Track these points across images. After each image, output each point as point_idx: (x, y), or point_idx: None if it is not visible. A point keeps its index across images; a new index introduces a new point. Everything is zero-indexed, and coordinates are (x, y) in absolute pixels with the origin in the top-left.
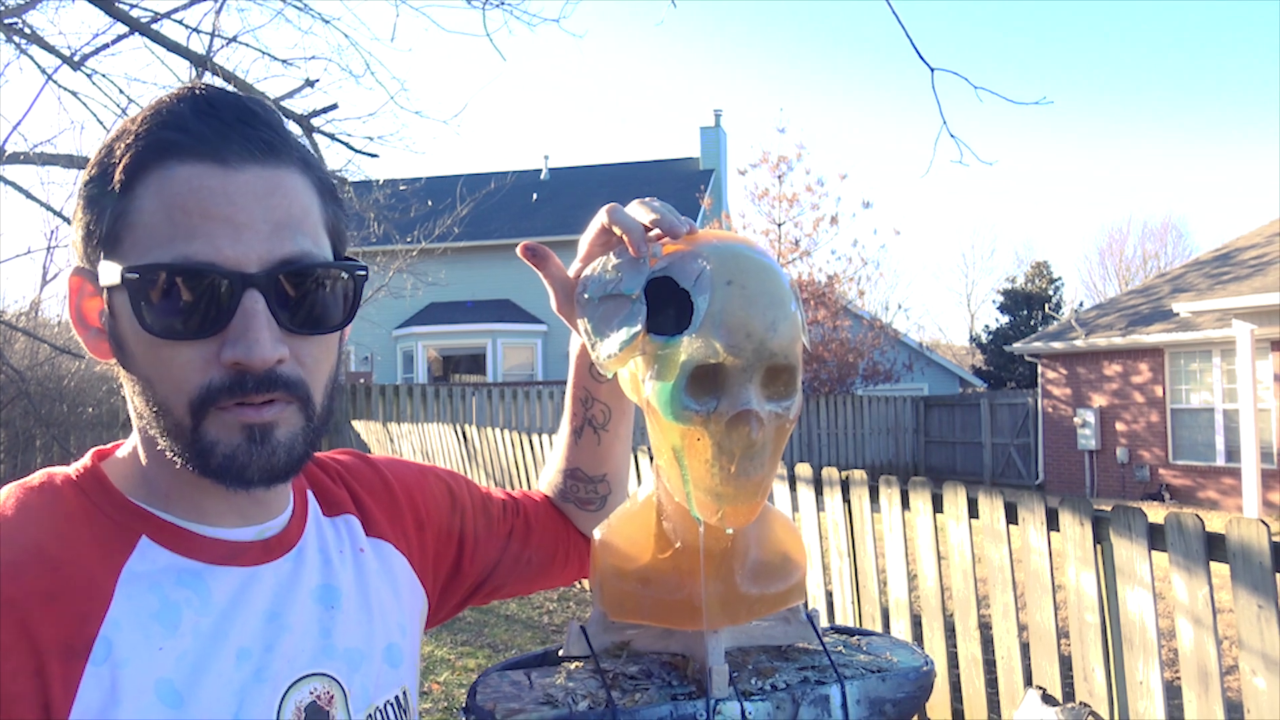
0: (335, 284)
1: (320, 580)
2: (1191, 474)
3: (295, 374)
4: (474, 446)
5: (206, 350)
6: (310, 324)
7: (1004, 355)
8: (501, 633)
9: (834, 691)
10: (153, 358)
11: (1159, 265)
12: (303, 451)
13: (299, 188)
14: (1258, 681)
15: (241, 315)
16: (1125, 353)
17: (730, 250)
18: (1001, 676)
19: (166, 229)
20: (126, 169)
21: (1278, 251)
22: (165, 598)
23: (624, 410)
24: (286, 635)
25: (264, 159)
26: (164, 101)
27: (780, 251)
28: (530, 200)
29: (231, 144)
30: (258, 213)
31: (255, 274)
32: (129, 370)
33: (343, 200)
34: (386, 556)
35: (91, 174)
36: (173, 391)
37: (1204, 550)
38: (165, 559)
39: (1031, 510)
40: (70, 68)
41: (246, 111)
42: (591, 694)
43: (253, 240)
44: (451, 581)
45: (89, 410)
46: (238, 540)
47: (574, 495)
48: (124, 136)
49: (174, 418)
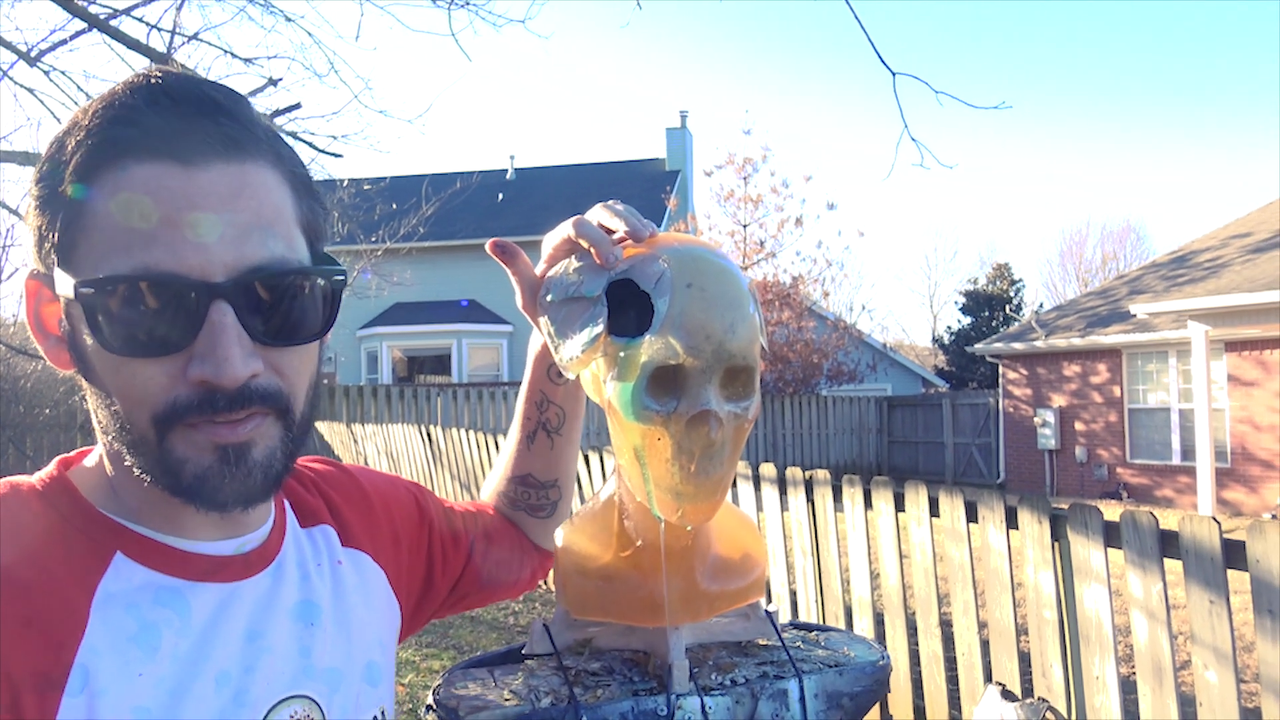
0: (312, 290)
1: (299, 596)
2: (1148, 473)
3: (273, 385)
4: (439, 447)
5: (172, 366)
6: (286, 334)
7: (966, 356)
8: (466, 634)
9: (792, 686)
10: (113, 373)
11: (1118, 267)
12: (281, 467)
13: (269, 184)
14: (1209, 675)
15: (209, 329)
16: (1084, 353)
17: (690, 253)
18: (962, 673)
19: (124, 236)
20: (78, 169)
21: (1232, 254)
22: (143, 619)
23: (577, 415)
24: (266, 656)
25: (229, 154)
26: (116, 92)
27: (745, 253)
28: (496, 200)
29: (192, 139)
30: (223, 215)
31: (222, 283)
32: (90, 382)
33: (319, 193)
34: (364, 568)
35: (42, 172)
36: (136, 407)
37: (1158, 547)
38: (141, 576)
39: (991, 509)
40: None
41: (208, 102)
42: (554, 690)
43: (219, 246)
44: (424, 596)
45: (46, 411)
46: (217, 555)
47: (525, 502)
48: (74, 132)
49: (138, 433)
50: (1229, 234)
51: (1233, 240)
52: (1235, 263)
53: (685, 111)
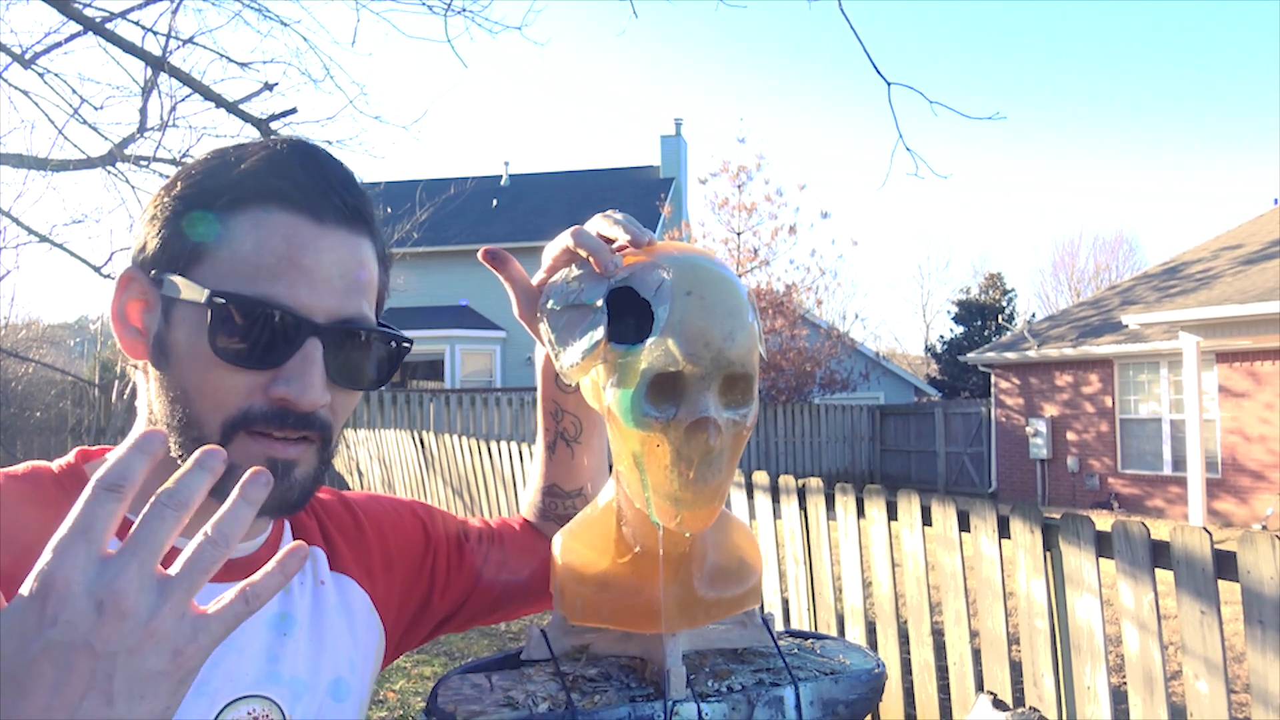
0: (381, 349)
1: (278, 608)
2: (1139, 483)
3: (328, 419)
4: (431, 453)
5: (255, 381)
6: (352, 380)
7: (958, 365)
8: (457, 640)
9: (788, 693)
10: (202, 374)
11: (1110, 278)
12: (312, 490)
13: (370, 256)
14: (1200, 686)
15: (301, 358)
16: (1076, 363)
17: (690, 261)
18: (954, 682)
19: (254, 265)
20: (231, 199)
21: (1223, 265)
22: None
23: (595, 422)
24: (233, 655)
25: (351, 224)
26: (276, 149)
27: (739, 260)
28: (490, 206)
29: (329, 204)
30: (336, 271)
31: (321, 324)
32: (165, 376)
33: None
34: (346, 591)
35: (182, 190)
36: (211, 409)
37: (1149, 558)
38: None
39: (983, 518)
40: (21, 66)
41: (346, 177)
42: (551, 696)
43: (327, 294)
44: (420, 616)
45: (36, 414)
46: None
47: (553, 512)
48: (229, 167)
49: (202, 432)
50: (1220, 245)
51: (1224, 252)
52: (1226, 274)
53: (680, 119)
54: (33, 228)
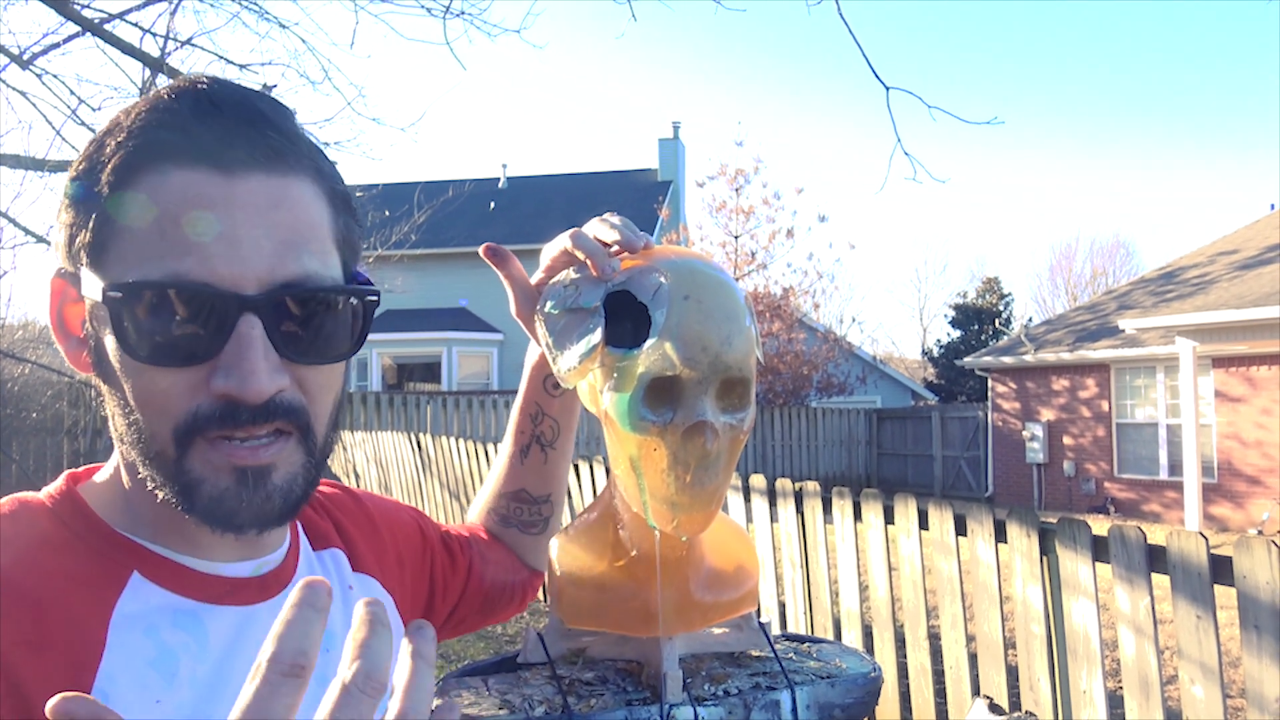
0: (343, 308)
1: None
2: (1136, 487)
3: (296, 400)
4: (429, 455)
5: (195, 376)
6: (314, 353)
7: (955, 369)
8: (454, 643)
9: (784, 697)
10: (135, 381)
11: (1107, 282)
12: (302, 492)
13: (308, 198)
14: (1196, 690)
15: (236, 341)
16: (1073, 368)
17: (687, 265)
18: (950, 686)
19: (157, 241)
20: (116, 170)
21: (1219, 270)
22: (161, 642)
23: (571, 428)
24: None
25: (270, 166)
26: (162, 96)
27: (736, 264)
28: (488, 208)
29: (235, 148)
30: (260, 227)
31: (253, 296)
32: (110, 388)
33: (357, 210)
34: (372, 593)
35: (79, 170)
36: (156, 417)
37: (1146, 562)
38: (159, 597)
39: (980, 522)
40: (19, 66)
41: (253, 111)
42: (548, 700)
43: (253, 258)
44: (426, 619)
45: (33, 415)
46: (235, 576)
47: (517, 519)
48: (115, 132)
49: (157, 445)
50: (1216, 251)
51: (1220, 257)
52: (1223, 279)
53: (678, 122)
54: (30, 228)
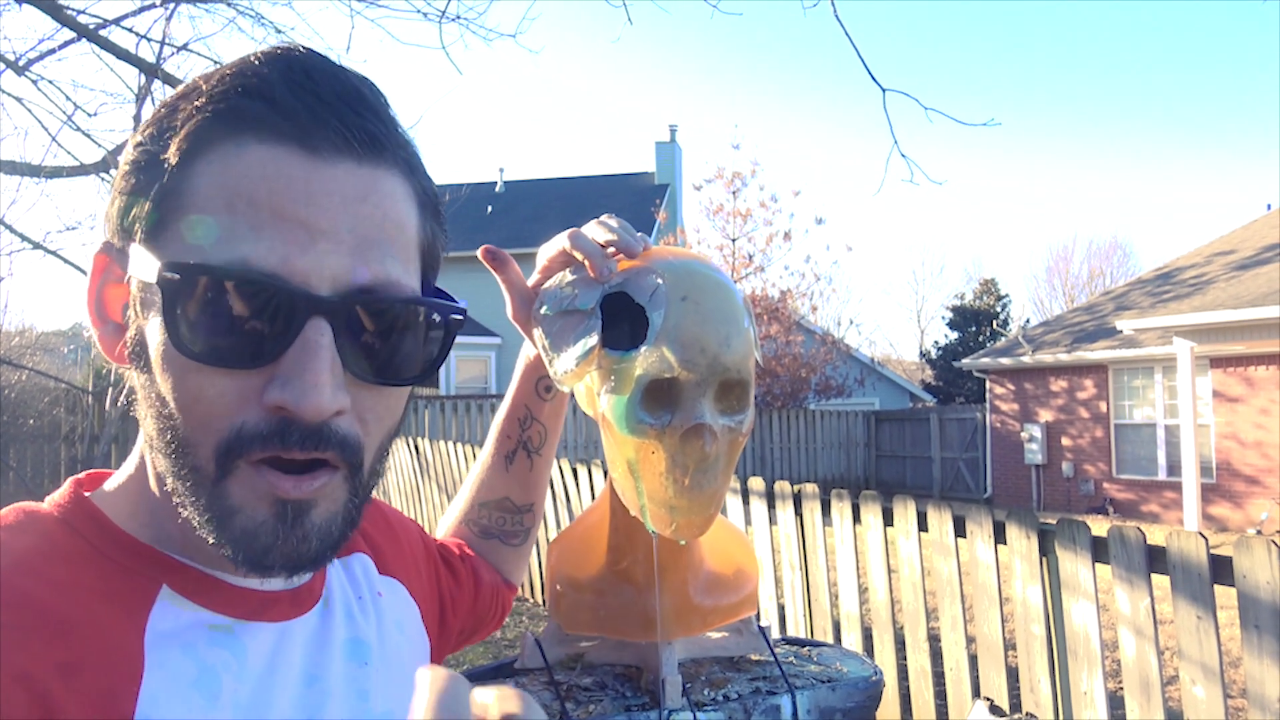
0: (423, 325)
1: (348, 633)
2: (1135, 488)
3: (352, 433)
4: (426, 459)
5: (247, 385)
6: (385, 372)
7: (953, 371)
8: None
9: (785, 701)
10: (178, 381)
11: (1104, 283)
12: (340, 534)
13: (398, 196)
14: (1197, 691)
15: (301, 348)
16: (1071, 369)
17: (685, 267)
18: (950, 688)
19: (226, 221)
20: (189, 137)
21: (1216, 271)
22: (201, 661)
23: (556, 434)
24: (328, 701)
25: (362, 154)
26: (248, 62)
27: (734, 266)
28: (486, 213)
29: (326, 128)
30: (343, 220)
31: (326, 297)
32: (147, 384)
33: (444, 217)
34: (401, 600)
35: (145, 135)
36: (198, 428)
37: (1145, 563)
38: (191, 614)
39: (979, 524)
40: (15, 72)
41: (351, 90)
42: (546, 706)
43: (331, 254)
44: (441, 634)
45: (30, 422)
46: (267, 591)
47: (499, 529)
48: (193, 96)
49: (196, 459)
50: (1213, 251)
51: (1217, 257)
52: (1220, 280)
53: (675, 126)
54: (26, 235)
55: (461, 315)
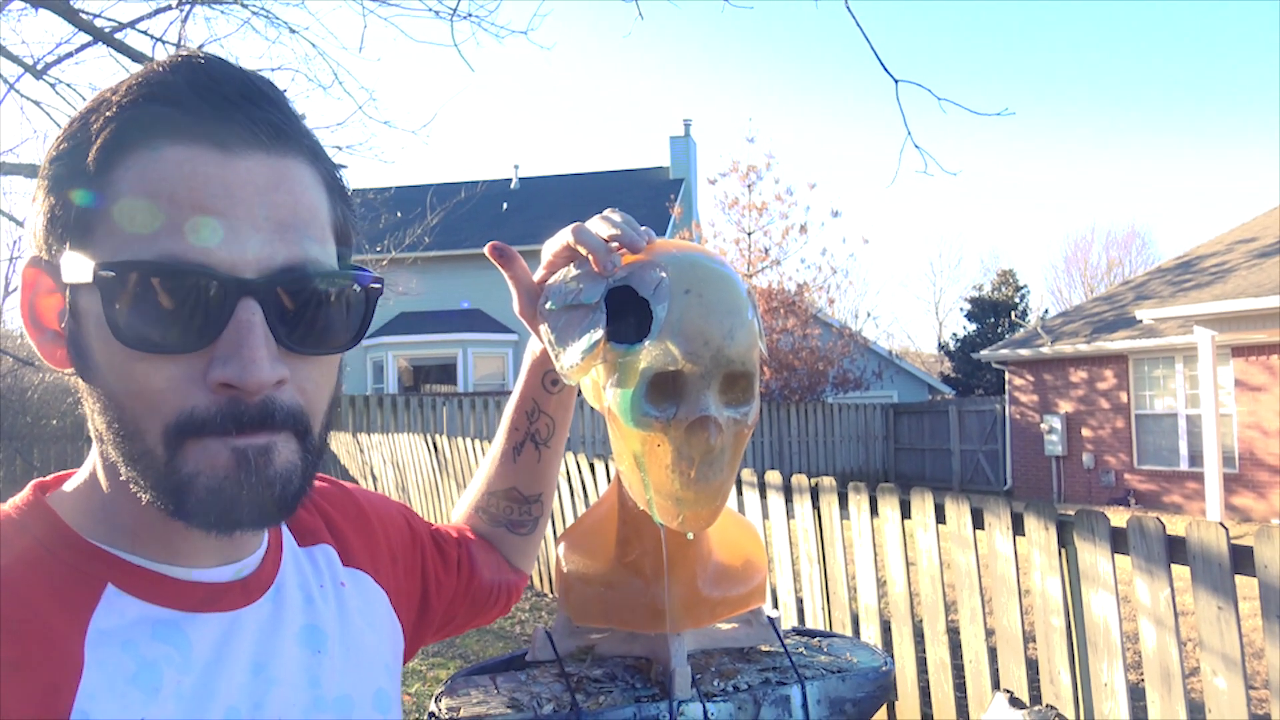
0: (345, 296)
1: (303, 621)
2: (1156, 479)
3: (294, 403)
4: (445, 456)
5: (189, 367)
6: (314, 342)
7: (972, 363)
8: (473, 643)
9: (795, 692)
10: (124, 372)
11: (1123, 273)
12: (298, 486)
13: (307, 182)
14: (1218, 682)
15: (235, 327)
16: (1091, 359)
17: (688, 259)
18: (970, 680)
19: (150, 221)
20: (105, 146)
21: (1238, 259)
22: (141, 656)
23: (565, 426)
24: (275, 689)
25: (270, 146)
26: (154, 70)
27: (750, 260)
28: (500, 209)
29: (234, 125)
30: (259, 209)
31: (252, 280)
32: (90, 384)
33: (351, 198)
34: (365, 589)
35: (60, 150)
36: (146, 414)
37: (1165, 553)
38: (136, 609)
39: (997, 515)
40: (33, 76)
41: (252, 89)
42: (556, 697)
43: (252, 240)
44: (421, 618)
45: (53, 422)
46: (215, 582)
47: (507, 518)
48: (103, 108)
49: (144, 444)
50: (1234, 239)
51: (1238, 245)
52: (1241, 267)
53: (689, 120)
54: None
55: (379, 284)
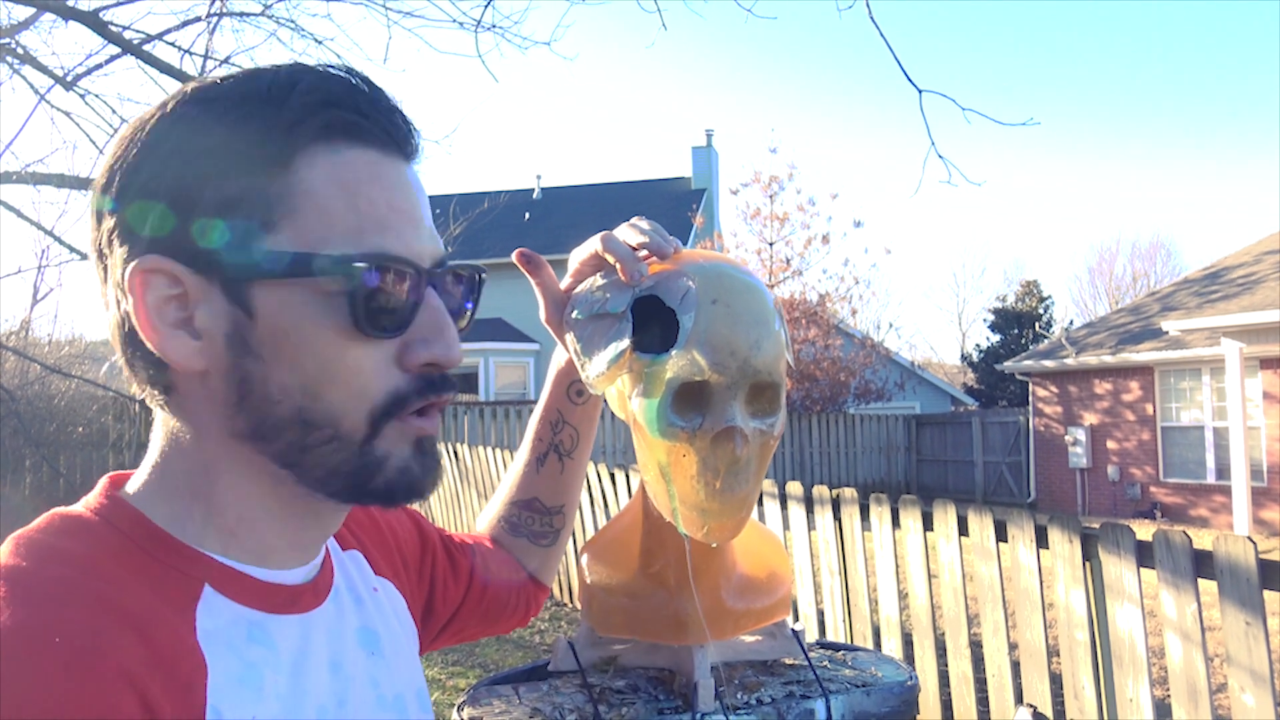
0: (470, 285)
1: (358, 622)
2: (1182, 492)
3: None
4: (466, 465)
5: (389, 351)
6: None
7: (995, 374)
8: (493, 653)
9: (819, 706)
10: (332, 359)
11: (1148, 284)
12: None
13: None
14: (1246, 698)
15: (430, 312)
16: (1116, 371)
17: (715, 269)
18: (992, 694)
19: (352, 218)
20: (287, 138)
21: (1266, 270)
22: (244, 658)
23: (589, 438)
24: (351, 687)
25: (414, 154)
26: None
27: (772, 270)
28: (523, 219)
29: (400, 134)
30: (423, 209)
31: (431, 269)
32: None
33: None
34: (391, 594)
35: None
36: (349, 399)
37: (1192, 567)
38: (229, 611)
39: (1021, 528)
40: (63, 88)
41: (396, 101)
42: (579, 708)
43: (425, 236)
44: (425, 623)
45: (79, 430)
46: (293, 584)
47: (528, 528)
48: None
49: (338, 430)
50: (1263, 250)
51: (1266, 256)
52: (1270, 279)
53: (711, 130)
54: (75, 246)
55: (485, 272)
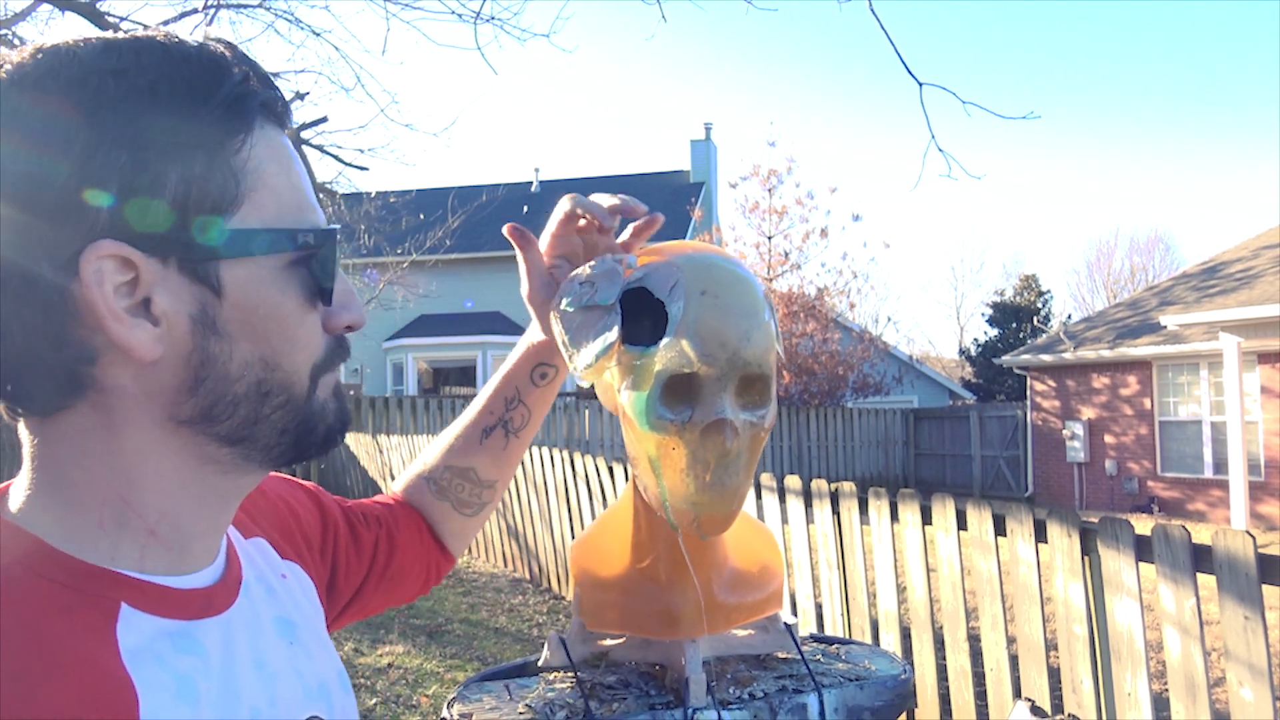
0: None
1: (274, 612)
2: (1180, 486)
3: None
4: None
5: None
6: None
7: (993, 368)
8: (490, 645)
9: (811, 700)
10: (291, 326)
11: (1147, 278)
12: None
13: None
14: (1244, 693)
15: (343, 280)
16: (1114, 365)
17: (704, 261)
18: (990, 688)
19: (290, 194)
20: (240, 119)
21: (1264, 265)
22: (174, 670)
23: (539, 420)
24: (277, 683)
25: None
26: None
27: (770, 264)
28: (521, 212)
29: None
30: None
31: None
32: (221, 352)
33: None
34: (299, 577)
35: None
36: (302, 361)
37: (1190, 561)
38: (150, 625)
39: (1020, 522)
40: None
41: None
42: (570, 704)
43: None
44: (330, 602)
45: None
46: (206, 586)
47: (456, 494)
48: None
49: (291, 391)
50: (1260, 244)
51: (1264, 250)
52: (1268, 274)
53: (710, 123)
54: None
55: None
